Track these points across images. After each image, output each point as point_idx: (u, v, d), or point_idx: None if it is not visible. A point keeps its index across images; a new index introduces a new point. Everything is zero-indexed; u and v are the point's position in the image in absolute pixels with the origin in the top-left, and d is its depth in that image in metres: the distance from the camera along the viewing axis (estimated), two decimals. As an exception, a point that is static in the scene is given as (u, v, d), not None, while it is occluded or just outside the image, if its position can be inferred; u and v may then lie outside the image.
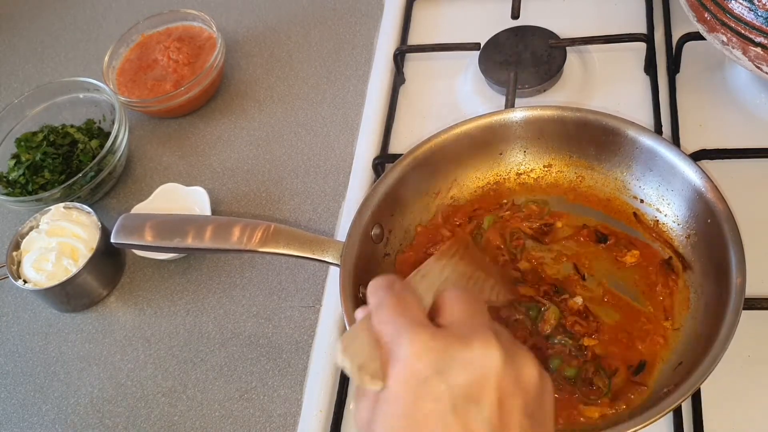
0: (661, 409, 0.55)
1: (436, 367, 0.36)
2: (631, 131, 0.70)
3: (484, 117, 0.75)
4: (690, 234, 0.68)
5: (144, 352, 0.81)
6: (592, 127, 0.72)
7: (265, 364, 0.77)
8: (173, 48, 1.02)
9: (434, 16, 1.02)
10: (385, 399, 0.38)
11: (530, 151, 0.76)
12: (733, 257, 0.61)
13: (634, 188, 0.73)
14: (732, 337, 0.57)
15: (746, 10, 0.69)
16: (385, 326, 0.40)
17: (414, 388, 0.36)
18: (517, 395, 0.37)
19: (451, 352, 0.37)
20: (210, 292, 0.84)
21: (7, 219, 0.99)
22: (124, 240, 0.69)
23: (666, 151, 0.69)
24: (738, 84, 0.83)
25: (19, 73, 1.17)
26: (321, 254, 0.67)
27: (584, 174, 0.75)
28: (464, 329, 0.38)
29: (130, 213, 0.69)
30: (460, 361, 0.36)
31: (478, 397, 0.36)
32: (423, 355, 0.36)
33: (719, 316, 0.59)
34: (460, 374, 0.36)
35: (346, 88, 0.99)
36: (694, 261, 0.67)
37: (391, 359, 0.38)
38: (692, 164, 0.67)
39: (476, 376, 0.36)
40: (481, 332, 0.38)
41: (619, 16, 0.93)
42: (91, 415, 0.78)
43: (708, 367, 0.56)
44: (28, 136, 0.97)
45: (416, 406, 0.36)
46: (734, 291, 0.59)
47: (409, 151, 0.74)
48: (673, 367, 0.62)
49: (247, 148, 0.96)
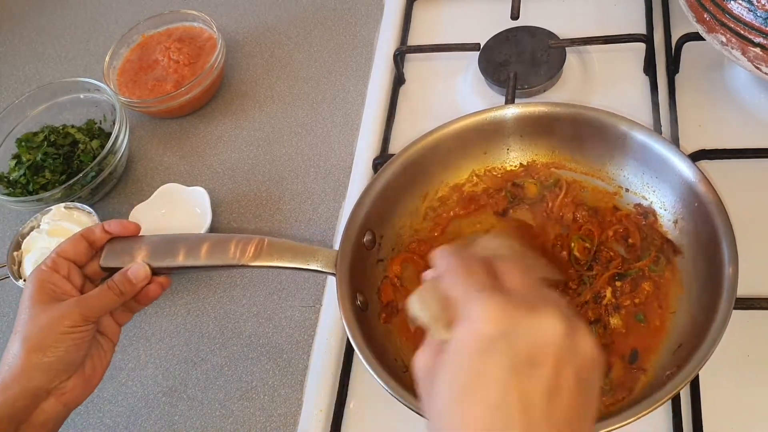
0: (661, 397, 0.55)
1: (503, 330, 0.39)
2: (624, 125, 0.71)
3: (469, 117, 0.75)
4: (678, 219, 0.69)
5: (144, 352, 0.82)
6: (583, 122, 0.73)
7: (265, 363, 0.77)
8: (174, 48, 1.02)
9: (434, 16, 1.02)
10: (450, 351, 0.41)
11: (513, 148, 0.77)
12: (725, 247, 0.61)
13: (619, 178, 0.73)
14: (728, 319, 0.57)
15: (745, 10, 0.69)
16: (455, 288, 0.43)
17: (480, 345, 0.39)
18: (572, 363, 0.40)
19: (518, 318, 0.39)
20: (210, 292, 0.84)
21: (8, 219, 0.99)
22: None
23: (652, 141, 0.69)
24: (737, 84, 0.83)
25: (20, 74, 1.17)
26: (315, 264, 0.67)
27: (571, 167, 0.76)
28: (529, 298, 0.41)
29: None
30: (525, 327, 0.39)
31: (537, 361, 0.39)
32: (493, 317, 0.39)
33: (713, 301, 0.59)
34: (525, 339, 0.39)
35: (346, 88, 0.99)
36: (684, 246, 0.68)
37: (461, 317, 0.41)
38: (682, 156, 0.67)
39: (538, 343, 0.39)
40: (545, 303, 0.40)
41: (619, 17, 0.93)
42: (92, 415, 0.78)
43: (706, 351, 0.56)
44: (29, 137, 0.98)
45: (480, 362, 0.39)
46: (727, 275, 0.59)
47: (395, 156, 0.74)
48: (672, 350, 0.63)
49: (248, 148, 0.97)
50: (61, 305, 0.62)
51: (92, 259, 0.68)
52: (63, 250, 0.66)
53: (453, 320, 0.42)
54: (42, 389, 0.60)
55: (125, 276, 0.66)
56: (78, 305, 0.62)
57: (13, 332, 0.61)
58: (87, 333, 0.62)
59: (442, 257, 0.46)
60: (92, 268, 0.68)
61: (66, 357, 0.60)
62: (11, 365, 0.59)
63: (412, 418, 0.56)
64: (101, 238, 0.69)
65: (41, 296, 0.62)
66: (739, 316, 0.65)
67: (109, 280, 0.65)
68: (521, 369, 0.38)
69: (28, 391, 0.59)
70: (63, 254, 0.66)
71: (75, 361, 0.62)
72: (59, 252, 0.66)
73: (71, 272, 0.65)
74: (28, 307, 0.62)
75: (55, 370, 0.60)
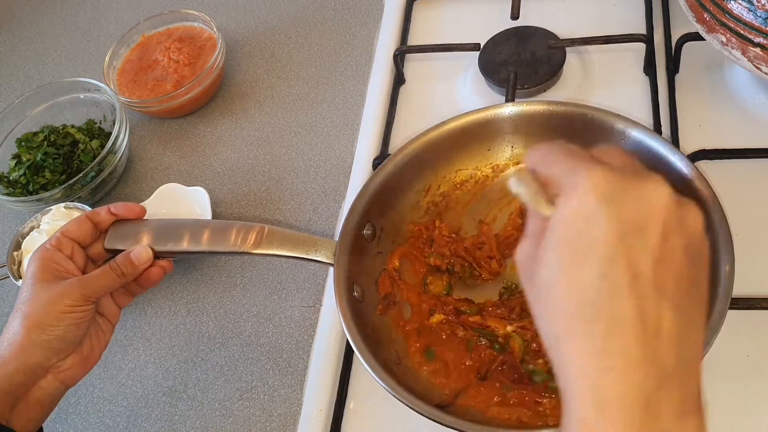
0: None
1: (610, 198, 0.38)
2: (620, 124, 0.71)
3: (472, 114, 0.75)
4: None
5: (144, 352, 0.82)
6: (579, 120, 0.73)
7: (265, 363, 0.77)
8: (174, 48, 1.02)
9: (434, 16, 1.02)
10: (555, 224, 0.40)
11: (517, 146, 0.77)
12: (721, 243, 0.61)
13: None
14: (725, 316, 0.57)
15: (745, 10, 0.69)
16: (557, 166, 0.41)
17: (586, 214, 0.38)
18: (680, 234, 0.38)
19: (625, 185, 0.38)
20: (210, 292, 0.84)
21: (8, 219, 0.99)
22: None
23: (648, 139, 0.69)
24: (737, 84, 0.83)
25: (20, 74, 1.17)
26: (314, 254, 0.67)
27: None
28: (634, 170, 0.40)
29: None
30: (633, 194, 0.38)
31: (644, 228, 0.37)
32: (600, 184, 0.38)
33: (710, 298, 0.59)
34: (632, 206, 0.38)
35: (346, 88, 0.99)
36: None
37: (565, 191, 0.40)
38: (678, 154, 0.67)
39: (646, 210, 0.38)
40: (651, 174, 0.39)
41: (619, 17, 0.93)
42: (92, 415, 0.78)
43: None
44: (29, 136, 0.98)
45: (587, 231, 0.38)
46: (723, 273, 0.59)
47: (398, 150, 0.74)
48: None
49: (248, 148, 0.97)
50: (62, 284, 0.63)
51: (96, 241, 0.69)
52: (68, 230, 0.67)
53: (555, 197, 0.40)
54: (40, 366, 0.61)
55: (128, 257, 0.67)
56: (79, 284, 0.63)
57: (14, 309, 0.62)
58: (87, 313, 0.63)
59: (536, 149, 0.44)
60: (96, 249, 0.69)
61: (65, 335, 0.61)
62: (11, 341, 0.60)
63: (412, 417, 0.56)
64: (106, 219, 0.70)
65: (44, 274, 0.63)
66: (739, 316, 0.65)
67: (112, 261, 0.66)
68: (628, 236, 0.37)
69: (27, 367, 0.60)
70: (68, 234, 0.67)
71: (74, 339, 0.62)
72: (64, 232, 0.67)
73: (75, 252, 0.66)
74: (30, 285, 0.63)
75: (55, 348, 0.61)
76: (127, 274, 0.66)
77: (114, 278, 0.65)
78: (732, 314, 0.59)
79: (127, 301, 0.70)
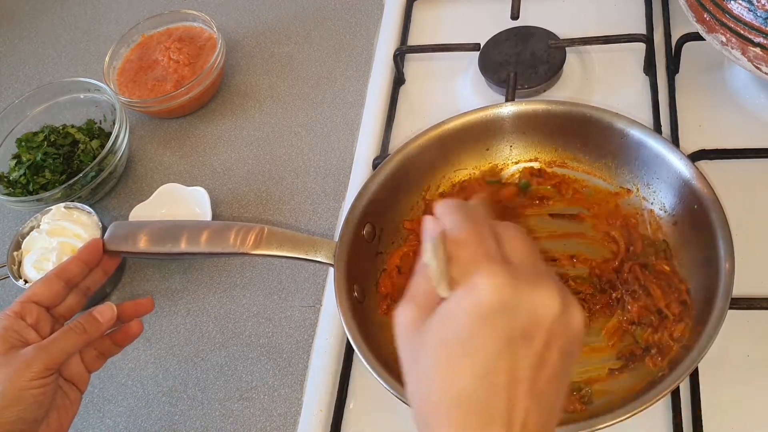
0: (657, 393, 0.56)
1: (505, 304, 0.40)
2: (620, 123, 0.71)
3: (471, 113, 0.76)
4: (677, 220, 0.69)
5: (144, 352, 0.82)
6: (579, 120, 0.73)
7: (265, 363, 0.77)
8: (174, 48, 1.02)
9: (434, 16, 1.02)
10: (445, 313, 0.41)
11: (516, 145, 0.77)
12: (721, 242, 0.61)
13: (620, 178, 0.73)
14: (725, 315, 0.57)
15: (745, 10, 0.69)
16: (463, 251, 0.43)
17: (480, 313, 0.40)
18: (562, 338, 0.41)
19: (520, 294, 0.40)
20: (210, 292, 0.84)
21: (8, 219, 0.99)
22: (116, 247, 0.69)
23: (649, 138, 0.69)
24: (737, 84, 0.83)
25: (20, 74, 1.17)
26: (314, 254, 0.68)
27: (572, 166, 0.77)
28: (531, 274, 0.42)
29: (122, 220, 0.69)
30: (526, 303, 0.40)
31: (531, 337, 0.40)
32: (498, 290, 0.40)
33: (710, 296, 0.60)
34: (524, 314, 0.40)
35: (346, 88, 0.99)
36: (683, 247, 0.68)
37: (465, 282, 0.41)
38: (678, 152, 0.67)
39: (536, 319, 0.40)
40: (545, 280, 0.41)
41: (619, 17, 0.93)
42: (92, 415, 0.78)
43: (703, 347, 0.56)
44: (29, 136, 0.98)
45: (477, 330, 0.39)
46: (723, 271, 0.60)
47: (398, 150, 0.75)
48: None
49: (248, 148, 0.97)
50: (20, 354, 0.58)
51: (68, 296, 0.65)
52: (34, 293, 0.62)
53: (456, 281, 0.42)
54: None
55: (90, 315, 0.62)
56: (38, 353, 0.58)
57: None
58: (49, 387, 0.58)
59: (448, 213, 0.46)
60: (67, 305, 0.65)
61: (27, 415, 0.57)
62: None
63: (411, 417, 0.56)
64: (79, 273, 0.66)
65: (1, 345, 0.58)
66: (739, 316, 0.65)
67: (73, 321, 0.62)
68: (515, 342, 0.39)
69: None
70: (34, 298, 0.62)
71: (37, 417, 0.58)
72: (30, 296, 0.62)
73: (40, 319, 0.62)
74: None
75: (17, 429, 0.56)
76: (89, 331, 0.61)
77: (75, 338, 0.60)
78: (732, 314, 0.59)
79: (98, 364, 0.65)
